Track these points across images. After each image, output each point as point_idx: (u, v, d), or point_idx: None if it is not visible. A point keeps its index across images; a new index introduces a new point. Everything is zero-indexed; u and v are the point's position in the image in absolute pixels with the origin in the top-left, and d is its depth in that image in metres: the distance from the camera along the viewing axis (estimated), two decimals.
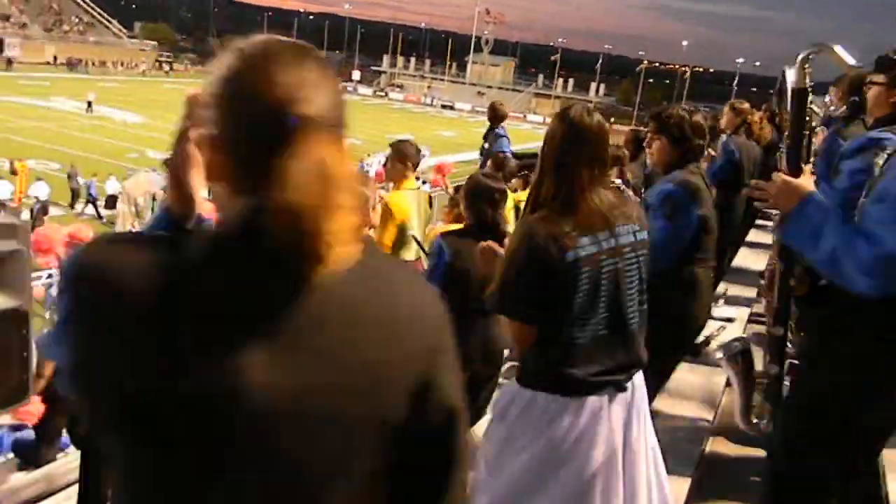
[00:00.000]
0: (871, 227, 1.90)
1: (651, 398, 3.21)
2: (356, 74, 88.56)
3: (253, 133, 0.92)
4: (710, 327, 4.32)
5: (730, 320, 5.00)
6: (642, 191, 4.87)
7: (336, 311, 0.94)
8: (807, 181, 2.20)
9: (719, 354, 2.91)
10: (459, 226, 4.05)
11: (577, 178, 2.22)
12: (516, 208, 5.56)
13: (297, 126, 0.90)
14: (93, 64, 71.71)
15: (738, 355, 2.91)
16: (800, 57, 2.35)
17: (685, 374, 4.17)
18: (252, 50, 0.96)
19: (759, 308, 5.33)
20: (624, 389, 2.31)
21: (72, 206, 22.48)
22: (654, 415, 2.93)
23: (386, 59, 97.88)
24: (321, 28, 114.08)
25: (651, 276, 2.36)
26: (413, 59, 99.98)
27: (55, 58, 71.03)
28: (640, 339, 2.34)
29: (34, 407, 5.00)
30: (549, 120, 2.53)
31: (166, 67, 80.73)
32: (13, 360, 4.14)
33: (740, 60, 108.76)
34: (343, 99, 0.99)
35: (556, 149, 2.26)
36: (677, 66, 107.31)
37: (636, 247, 2.31)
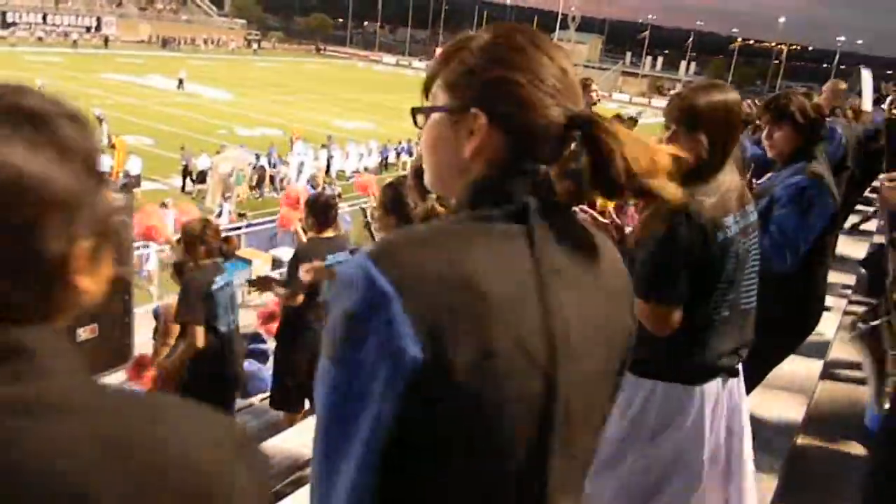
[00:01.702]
0: None
1: (751, 389, 3.13)
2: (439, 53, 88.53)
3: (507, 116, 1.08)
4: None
5: (827, 309, 4.81)
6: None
7: (582, 273, 1.10)
8: None
9: (849, 334, 2.78)
10: None
11: (722, 156, 2.18)
12: None
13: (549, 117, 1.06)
14: (184, 42, 73.83)
15: (869, 334, 2.79)
16: None
17: (779, 365, 4.04)
18: (497, 38, 1.12)
19: (858, 297, 5.11)
20: (736, 374, 2.27)
21: (183, 185, 23.11)
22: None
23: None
24: (405, 6, 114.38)
25: (776, 271, 2.30)
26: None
27: (150, 36, 73.37)
28: (752, 320, 2.29)
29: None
30: (635, 99, 2.43)
31: (255, 46, 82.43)
32: (116, 324, 4.34)
33: (841, 39, 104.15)
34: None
35: (712, 124, 2.16)
36: (773, 44, 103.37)
37: (756, 227, 2.28)
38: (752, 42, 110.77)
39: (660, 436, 2.20)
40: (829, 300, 5.04)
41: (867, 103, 6.16)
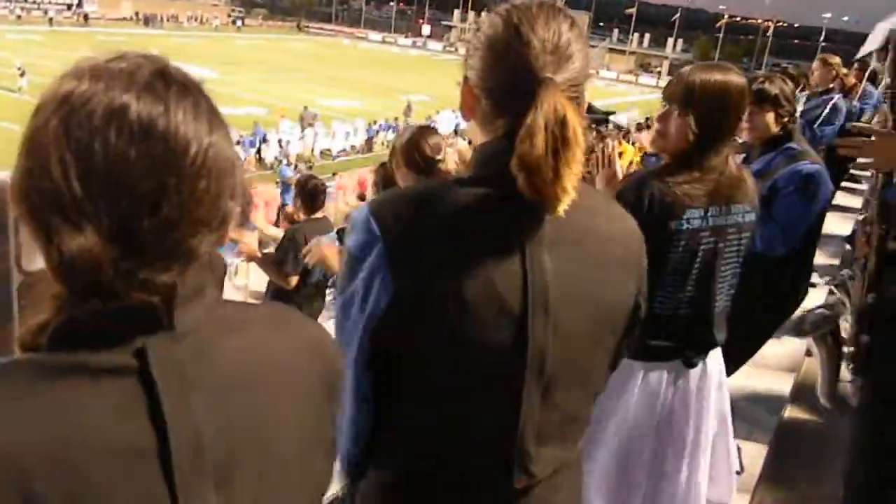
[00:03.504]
0: None
1: (739, 366, 3.15)
2: (426, 29, 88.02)
3: (505, 89, 1.14)
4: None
5: (812, 285, 4.85)
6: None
7: (567, 231, 1.15)
8: None
9: (804, 324, 2.80)
10: None
11: (712, 142, 2.08)
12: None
13: (544, 84, 1.08)
14: (167, 19, 72.96)
15: (823, 323, 2.81)
16: None
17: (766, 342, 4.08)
18: (513, 10, 1.15)
19: (843, 274, 5.14)
20: (693, 365, 2.24)
21: None
22: (733, 381, 2.88)
23: (457, 13, 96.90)
24: None
25: (779, 255, 2.25)
26: (484, 14, 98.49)
27: (136, 14, 72.40)
28: (721, 322, 2.25)
29: None
30: (621, 76, 2.39)
31: (238, 23, 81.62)
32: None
33: (827, 15, 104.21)
34: (588, 59, 1.17)
35: (698, 110, 2.06)
36: (759, 21, 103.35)
37: (742, 228, 2.17)
38: (738, 19, 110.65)
39: (609, 407, 2.20)
40: (815, 277, 5.09)
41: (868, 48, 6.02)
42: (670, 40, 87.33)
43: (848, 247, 6.11)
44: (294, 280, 4.80)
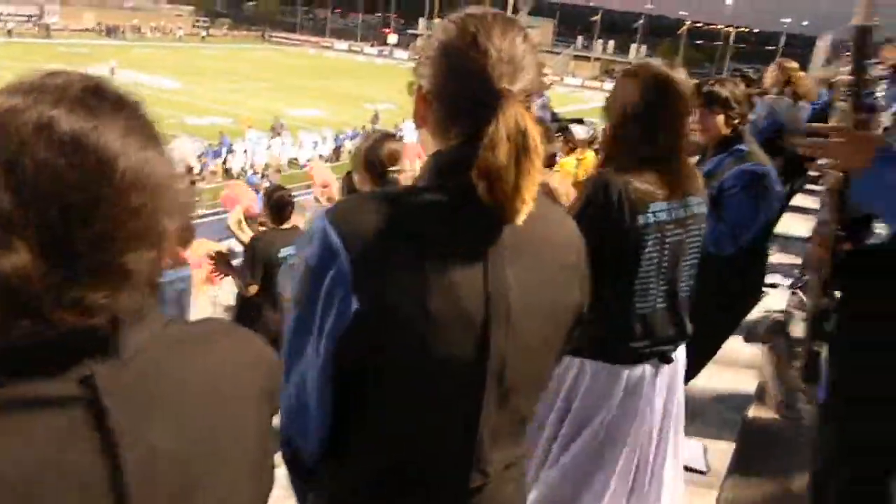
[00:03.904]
0: None
1: (702, 365, 3.20)
2: (392, 38, 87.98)
3: (461, 98, 1.15)
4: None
5: (773, 286, 4.93)
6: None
7: (525, 240, 1.17)
8: (871, 136, 2.06)
9: (758, 328, 2.84)
10: None
11: (661, 138, 2.12)
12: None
13: (500, 96, 1.09)
14: (129, 30, 72.06)
15: (776, 328, 2.85)
16: None
17: (730, 340, 4.14)
18: (467, 20, 1.16)
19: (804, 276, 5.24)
20: (670, 361, 2.29)
21: None
22: (699, 378, 2.92)
23: (423, 22, 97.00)
24: None
25: (729, 255, 2.30)
26: (437, 22, 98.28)
27: (99, 24, 71.37)
28: (687, 313, 2.29)
29: None
30: (586, 83, 2.43)
31: (203, 33, 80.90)
32: None
33: (787, 20, 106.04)
34: (538, 70, 1.18)
35: (643, 106, 2.12)
36: (721, 27, 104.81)
37: (700, 220, 2.23)
38: (700, 25, 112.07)
39: (589, 415, 2.22)
40: (777, 278, 5.18)
41: (814, 69, 6.22)
42: (633, 46, 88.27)
43: (809, 247, 6.22)
44: (253, 288, 4.82)
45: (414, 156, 3.26)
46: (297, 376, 1.16)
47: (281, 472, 1.11)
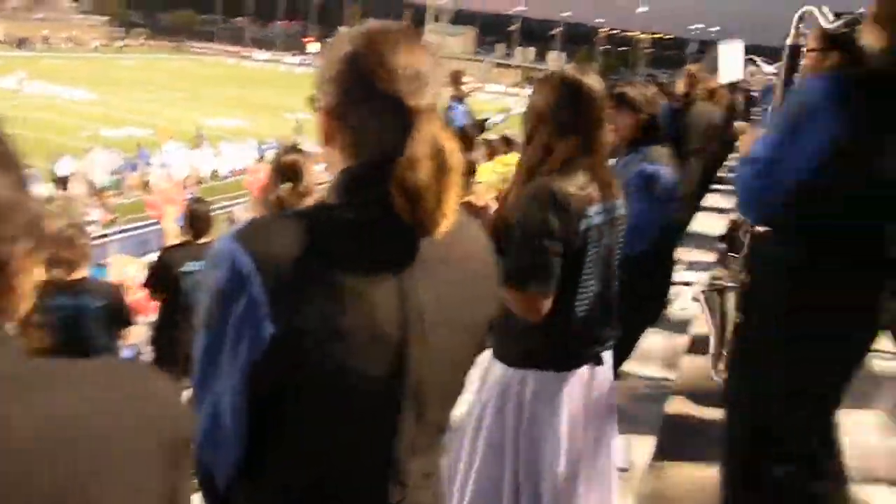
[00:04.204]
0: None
1: (619, 365, 3.28)
2: (313, 47, 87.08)
3: (371, 117, 1.13)
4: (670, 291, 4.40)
5: (688, 284, 5.09)
6: None
7: (440, 253, 1.16)
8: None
9: (698, 289, 2.93)
10: None
11: (583, 144, 2.16)
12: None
13: (413, 112, 1.09)
14: (41, 41, 69.59)
15: (716, 293, 2.95)
16: (796, 16, 2.53)
17: (647, 337, 4.24)
18: (371, 36, 1.14)
19: (718, 272, 5.40)
20: (602, 363, 2.33)
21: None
22: (618, 377, 2.99)
23: (343, 30, 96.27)
24: (274, 1, 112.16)
25: (632, 256, 2.37)
26: (337, 36, 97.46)
27: (8, 35, 68.59)
28: (616, 313, 2.34)
29: None
30: (508, 90, 2.47)
31: (119, 43, 78.69)
32: None
33: (699, 26, 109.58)
34: (441, 85, 1.18)
35: (559, 112, 2.16)
36: (635, 33, 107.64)
37: (623, 221, 2.29)
38: (616, 31, 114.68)
39: (537, 423, 2.24)
40: (692, 276, 5.34)
41: (722, 77, 6.50)
42: (551, 53, 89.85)
43: (722, 245, 6.43)
44: (159, 302, 4.78)
45: None
46: (210, 400, 1.13)
47: (196, 498, 1.09)
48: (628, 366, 3.90)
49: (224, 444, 1.14)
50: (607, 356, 2.37)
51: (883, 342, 2.99)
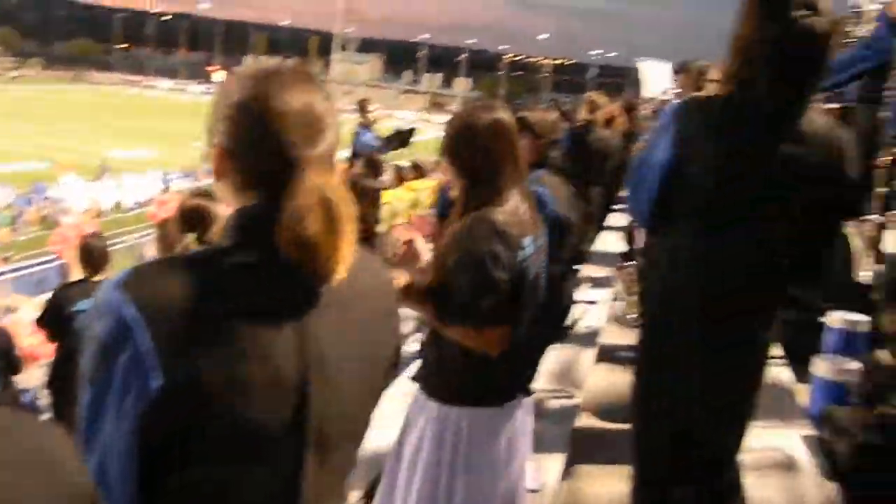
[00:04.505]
0: None
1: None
2: (219, 75, 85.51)
3: (259, 162, 1.10)
4: (576, 310, 4.50)
5: (593, 303, 5.22)
6: None
7: (341, 294, 1.12)
8: None
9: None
10: None
11: (507, 178, 2.19)
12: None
13: (301, 163, 1.07)
14: None
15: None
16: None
17: (554, 356, 4.32)
18: (262, 79, 1.12)
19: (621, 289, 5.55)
20: (531, 393, 2.35)
21: None
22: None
23: (249, 59, 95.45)
24: (177, 29, 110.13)
25: None
26: (231, 74, 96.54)
27: None
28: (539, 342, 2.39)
29: None
30: (418, 115, 2.49)
31: (13, 73, 75.60)
32: None
33: (599, 51, 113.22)
34: (338, 128, 1.15)
35: (475, 150, 2.19)
36: (538, 59, 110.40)
37: (545, 251, 2.33)
38: (520, 58, 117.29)
39: (474, 459, 2.22)
40: (595, 294, 5.47)
41: (648, 91, 6.80)
42: (458, 80, 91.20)
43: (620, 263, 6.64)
44: (49, 340, 4.65)
45: None
46: (96, 457, 1.06)
47: None
48: (535, 384, 3.96)
49: (110, 498, 1.07)
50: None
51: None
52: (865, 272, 4.22)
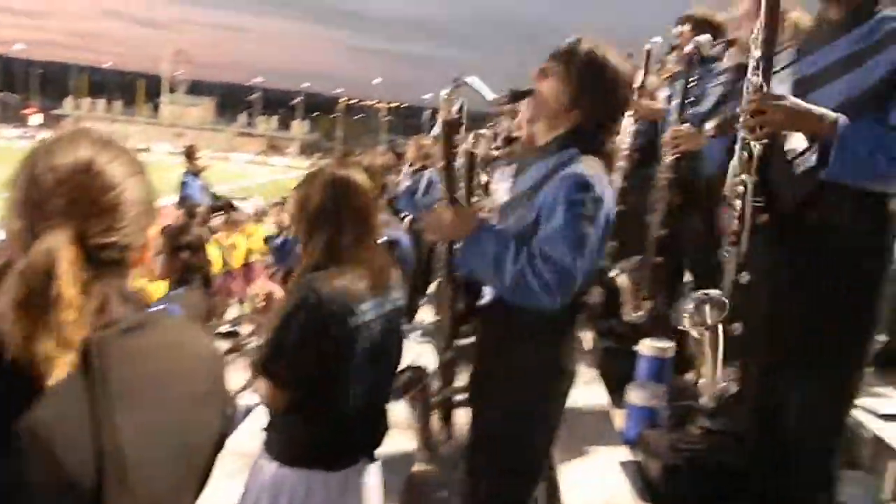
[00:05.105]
0: (544, 249, 2.03)
1: None
2: (36, 118, 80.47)
3: (23, 227, 1.02)
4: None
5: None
6: None
7: (143, 379, 1.04)
8: (472, 211, 2.30)
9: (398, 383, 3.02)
10: None
11: (350, 238, 2.16)
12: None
13: (46, 234, 0.98)
14: None
15: (412, 383, 3.06)
16: (443, 93, 2.40)
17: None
18: (44, 146, 1.08)
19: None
20: (375, 459, 2.32)
21: None
22: None
23: (70, 101, 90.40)
24: None
25: None
26: (102, 102, 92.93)
27: None
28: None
29: None
30: (255, 157, 2.45)
31: None
32: None
33: (429, 95, 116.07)
34: (139, 197, 1.09)
35: (320, 208, 2.17)
36: (373, 103, 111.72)
37: (399, 314, 2.31)
38: (355, 101, 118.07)
39: None
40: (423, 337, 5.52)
41: (490, 96, 6.96)
42: (295, 122, 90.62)
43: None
44: None
45: None
46: None
47: None
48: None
49: None
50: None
51: None
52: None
